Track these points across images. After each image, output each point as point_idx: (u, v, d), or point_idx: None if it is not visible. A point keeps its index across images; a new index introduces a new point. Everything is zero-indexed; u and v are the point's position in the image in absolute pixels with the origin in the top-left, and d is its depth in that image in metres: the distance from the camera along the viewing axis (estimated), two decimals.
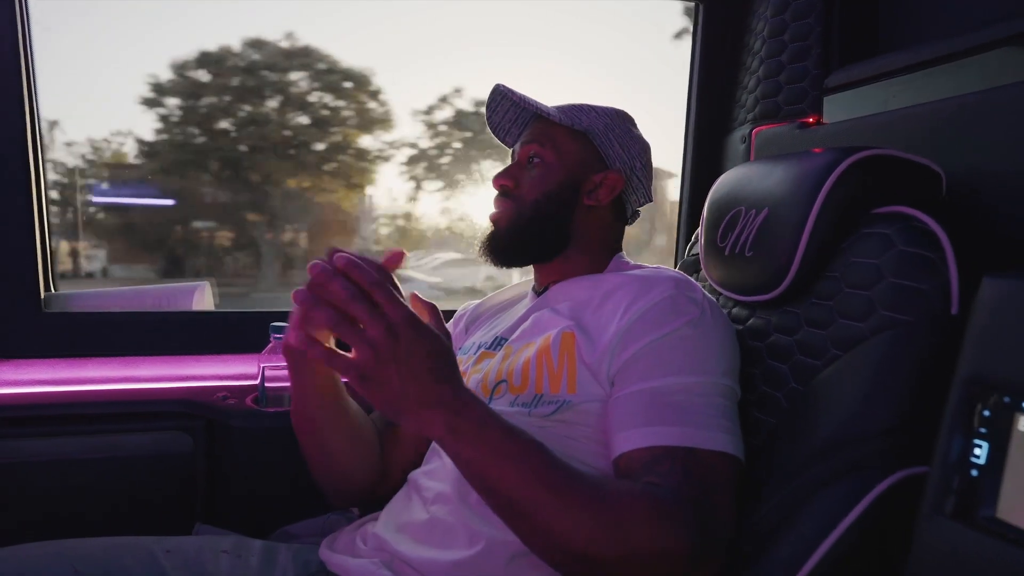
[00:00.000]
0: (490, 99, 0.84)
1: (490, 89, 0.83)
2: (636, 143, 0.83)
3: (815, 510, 0.59)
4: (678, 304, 0.68)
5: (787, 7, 1.01)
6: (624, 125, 0.83)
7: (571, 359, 0.69)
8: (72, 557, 0.69)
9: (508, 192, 0.81)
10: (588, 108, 0.82)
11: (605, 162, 0.81)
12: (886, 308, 0.61)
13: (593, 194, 0.80)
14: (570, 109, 0.81)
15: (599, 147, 0.81)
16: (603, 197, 0.80)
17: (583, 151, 0.80)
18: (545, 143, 0.80)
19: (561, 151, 0.80)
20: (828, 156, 0.69)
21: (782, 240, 0.70)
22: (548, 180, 0.79)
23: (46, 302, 1.06)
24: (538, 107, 0.78)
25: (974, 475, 0.47)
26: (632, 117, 0.85)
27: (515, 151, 0.84)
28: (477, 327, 0.90)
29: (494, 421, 0.57)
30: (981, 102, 0.69)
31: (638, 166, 0.82)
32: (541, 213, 0.79)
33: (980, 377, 0.48)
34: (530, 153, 0.81)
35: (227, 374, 1.09)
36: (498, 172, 0.81)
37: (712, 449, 0.61)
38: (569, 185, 0.79)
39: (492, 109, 0.86)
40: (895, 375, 0.59)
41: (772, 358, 0.73)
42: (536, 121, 0.83)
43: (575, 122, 0.79)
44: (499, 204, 0.81)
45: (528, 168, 0.81)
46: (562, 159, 0.80)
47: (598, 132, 0.80)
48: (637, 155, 0.82)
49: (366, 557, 0.71)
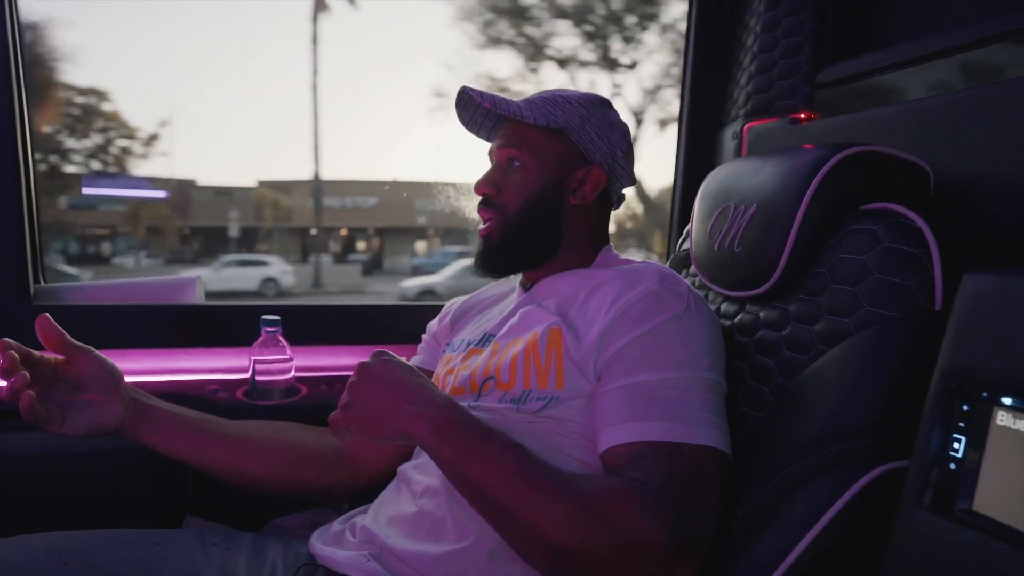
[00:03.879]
0: (457, 101, 0.82)
1: (457, 91, 0.80)
2: (615, 130, 0.80)
3: (800, 503, 0.60)
4: (663, 299, 0.68)
5: (780, 3, 1.01)
6: (600, 111, 0.79)
7: (558, 355, 0.69)
8: (60, 550, 0.69)
9: (491, 201, 0.79)
10: (562, 100, 0.78)
11: (586, 157, 0.78)
12: (871, 304, 0.61)
13: (578, 192, 0.78)
14: (543, 104, 0.77)
15: (577, 143, 0.78)
16: (588, 194, 0.78)
17: (562, 149, 0.78)
18: (523, 147, 0.77)
19: (539, 153, 0.77)
20: (816, 152, 0.69)
21: (771, 236, 0.70)
22: (530, 186, 0.77)
23: (35, 295, 1.06)
24: (510, 110, 0.75)
25: (952, 468, 0.47)
26: (608, 100, 0.82)
27: (492, 151, 0.81)
28: (464, 323, 0.89)
29: (474, 422, 0.61)
30: (971, 99, 0.70)
31: (619, 154, 0.80)
32: (528, 220, 0.77)
33: (959, 372, 0.48)
34: (508, 156, 0.78)
35: (218, 367, 1.09)
36: (479, 179, 0.79)
37: (697, 443, 0.61)
38: (552, 187, 0.77)
39: (461, 107, 0.83)
40: (880, 370, 0.60)
41: (760, 353, 0.73)
42: (509, 121, 0.80)
43: (550, 120, 0.76)
44: (484, 214, 0.79)
45: (508, 172, 0.78)
46: (541, 161, 0.77)
47: (575, 127, 0.77)
48: (617, 143, 0.80)
49: (355, 550, 0.71)
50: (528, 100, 0.78)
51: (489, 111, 0.83)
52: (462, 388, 0.76)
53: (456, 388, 0.77)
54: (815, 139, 0.92)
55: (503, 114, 0.78)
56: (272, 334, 1.02)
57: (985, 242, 0.66)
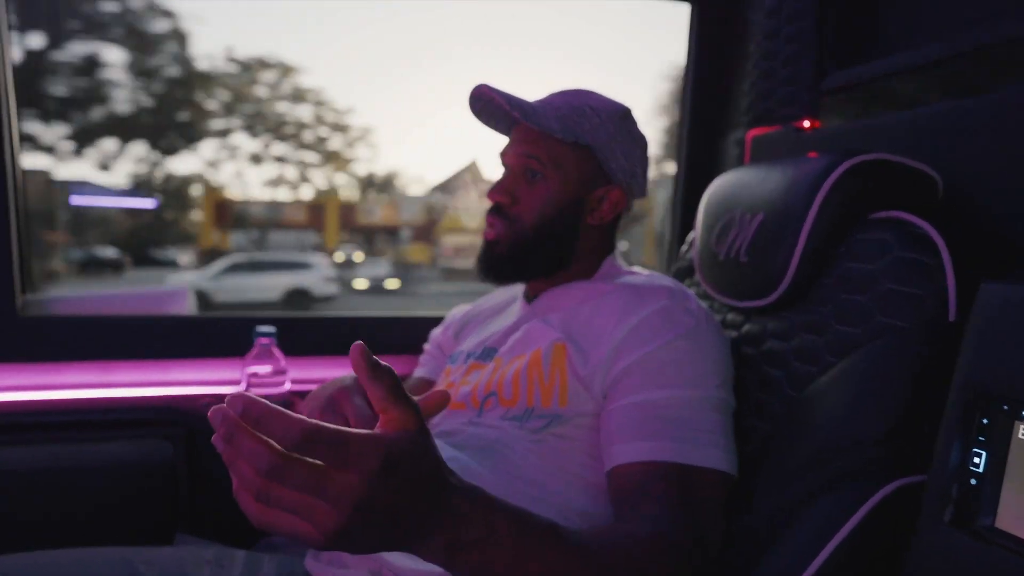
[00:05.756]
0: (472, 99, 0.76)
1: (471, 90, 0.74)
2: (638, 147, 0.77)
3: (811, 520, 0.58)
4: (672, 315, 0.67)
5: (782, 9, 1.00)
6: (625, 126, 0.76)
7: (563, 372, 0.68)
8: (48, 570, 0.67)
9: (504, 210, 0.75)
10: (590, 112, 0.74)
11: (608, 176, 0.76)
12: (882, 314, 0.60)
13: (596, 212, 0.76)
14: (571, 114, 0.73)
15: (603, 162, 0.75)
16: (606, 215, 0.76)
17: (586, 166, 0.74)
18: (545, 159, 0.73)
19: (563, 168, 0.73)
20: (824, 161, 0.68)
21: (778, 245, 0.69)
22: (549, 201, 0.73)
23: (22, 306, 1.03)
24: (539, 122, 0.71)
25: (973, 483, 0.46)
26: (630, 112, 0.78)
27: (507, 153, 0.77)
28: (467, 333, 0.88)
29: (502, 518, 0.44)
30: (978, 106, 0.69)
31: (639, 171, 0.78)
32: (542, 236, 0.74)
33: (979, 385, 0.47)
34: (526, 166, 0.74)
35: (210, 379, 1.07)
36: (493, 185, 0.76)
37: (705, 467, 0.60)
38: (571, 204, 0.74)
39: (476, 98, 0.76)
40: (892, 382, 0.58)
41: (767, 364, 0.72)
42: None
43: (579, 137, 0.73)
44: (495, 222, 0.75)
45: (526, 181, 0.74)
46: (564, 178, 0.73)
47: (602, 146, 0.74)
48: (638, 160, 0.77)
49: (353, 568, 0.69)
50: (554, 106, 0.74)
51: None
52: (463, 404, 0.74)
53: (457, 404, 0.75)
54: (820, 147, 0.91)
55: (534, 126, 0.71)
56: (266, 345, 1.00)
57: (995, 250, 0.65)
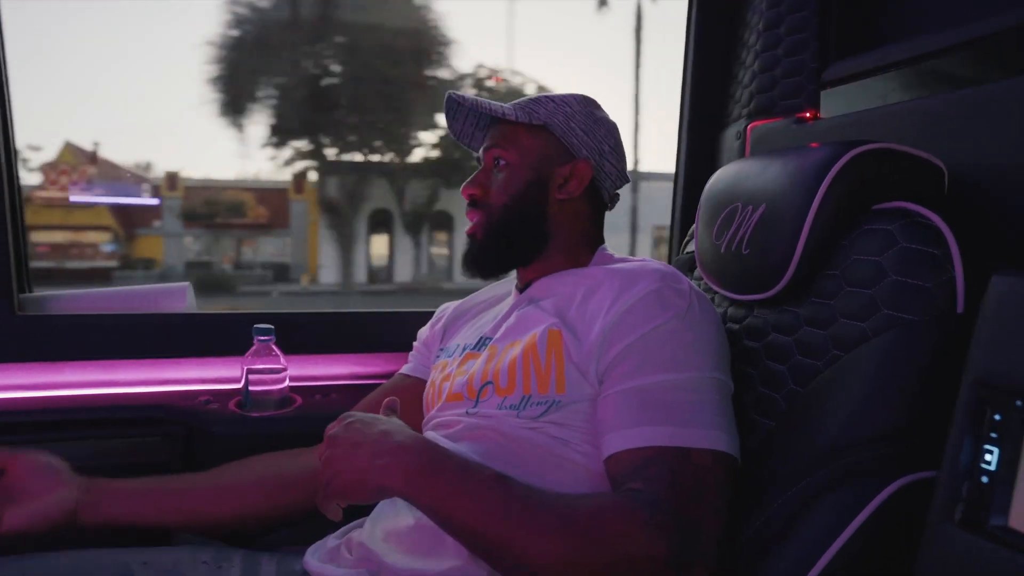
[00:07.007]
0: (446, 109, 0.82)
1: (444, 99, 0.81)
2: (601, 126, 0.80)
3: (817, 517, 0.57)
4: (664, 297, 0.66)
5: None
6: (586, 109, 0.80)
7: (559, 358, 0.67)
8: (44, 572, 0.67)
9: (477, 201, 0.79)
10: (546, 99, 0.79)
11: (571, 152, 0.78)
12: (889, 307, 0.59)
13: (564, 187, 0.78)
14: (527, 104, 0.78)
15: (561, 138, 0.78)
16: (574, 189, 0.78)
17: (546, 145, 0.78)
18: (506, 144, 0.78)
19: (522, 149, 0.78)
20: (827, 150, 0.67)
21: (780, 237, 0.68)
22: (514, 181, 0.77)
23: (20, 304, 1.03)
24: (491, 108, 0.77)
25: (984, 482, 0.45)
26: (595, 100, 0.82)
27: (480, 156, 0.82)
28: (458, 328, 0.88)
29: (448, 461, 0.59)
30: (982, 96, 0.68)
31: (607, 149, 0.80)
32: (512, 216, 0.77)
33: (991, 380, 0.46)
34: (494, 156, 0.79)
35: (209, 377, 1.07)
36: (466, 182, 0.80)
37: (704, 448, 0.59)
38: (536, 182, 0.78)
39: (452, 118, 0.84)
40: (899, 376, 0.57)
41: (770, 359, 0.71)
42: (496, 124, 0.81)
43: (532, 117, 0.77)
44: (472, 215, 0.80)
45: (494, 173, 0.79)
46: (524, 157, 0.78)
47: (558, 123, 0.78)
48: (604, 138, 0.80)
49: (351, 567, 0.69)
50: (513, 102, 0.79)
51: (479, 121, 0.84)
52: (459, 394, 0.74)
53: (453, 394, 0.74)
54: (821, 138, 0.90)
55: (486, 113, 0.79)
56: (265, 343, 1.00)
57: (1003, 241, 0.64)
